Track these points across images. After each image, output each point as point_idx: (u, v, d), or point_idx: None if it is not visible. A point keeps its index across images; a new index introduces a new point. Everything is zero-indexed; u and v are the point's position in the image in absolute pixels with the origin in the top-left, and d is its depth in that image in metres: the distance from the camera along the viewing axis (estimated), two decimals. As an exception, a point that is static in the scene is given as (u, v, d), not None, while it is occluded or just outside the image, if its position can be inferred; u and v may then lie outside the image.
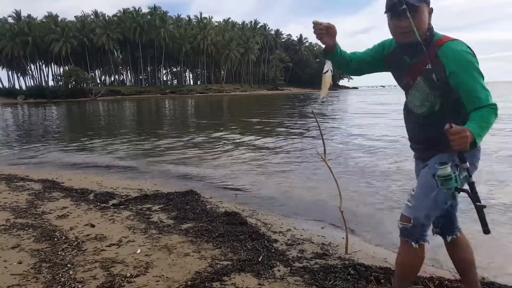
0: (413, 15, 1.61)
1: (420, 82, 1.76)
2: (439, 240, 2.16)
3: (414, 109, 1.84)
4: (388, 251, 3.09)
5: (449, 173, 1.54)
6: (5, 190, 4.98)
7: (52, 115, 29.25)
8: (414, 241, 1.83)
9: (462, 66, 1.61)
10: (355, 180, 5.57)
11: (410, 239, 1.83)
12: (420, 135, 1.88)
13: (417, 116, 1.84)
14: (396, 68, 1.88)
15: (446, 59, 1.64)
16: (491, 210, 4.07)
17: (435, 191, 1.74)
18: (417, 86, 1.78)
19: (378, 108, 24.49)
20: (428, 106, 1.78)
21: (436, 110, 1.76)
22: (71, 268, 2.61)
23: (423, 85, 1.75)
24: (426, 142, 1.85)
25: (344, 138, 10.35)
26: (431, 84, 1.72)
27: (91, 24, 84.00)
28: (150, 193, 4.74)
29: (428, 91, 1.75)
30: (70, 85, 71.01)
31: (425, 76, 1.73)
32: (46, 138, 12.90)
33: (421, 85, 1.76)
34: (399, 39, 1.74)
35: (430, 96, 1.75)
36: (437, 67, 1.66)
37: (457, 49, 1.64)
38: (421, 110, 1.81)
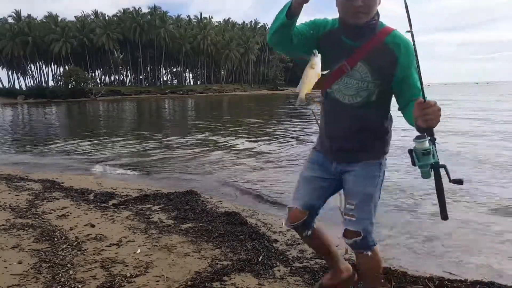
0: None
1: (361, 68, 1.61)
2: (440, 240, 2.15)
3: (345, 99, 1.68)
4: (388, 251, 3.09)
5: (428, 147, 1.46)
6: (5, 190, 4.98)
7: (52, 115, 29.25)
8: (368, 249, 1.79)
9: (411, 57, 1.59)
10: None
11: (365, 250, 1.79)
12: (352, 129, 1.71)
13: (349, 107, 1.68)
14: (331, 50, 1.66)
15: (397, 48, 1.59)
16: (492, 209, 4.07)
17: (375, 193, 1.75)
18: (354, 72, 1.63)
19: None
20: (364, 96, 1.65)
21: (373, 100, 1.66)
22: (71, 268, 2.61)
23: (365, 71, 1.61)
24: (358, 137, 1.72)
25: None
26: (375, 71, 1.61)
27: (91, 24, 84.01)
28: (150, 193, 4.74)
29: (370, 79, 1.62)
30: (70, 85, 70.98)
31: (370, 62, 1.60)
32: (46, 138, 12.90)
33: (361, 71, 1.61)
34: (350, 19, 1.56)
35: (370, 85, 1.63)
36: (387, 54, 1.59)
37: (406, 40, 1.60)
38: (356, 100, 1.66)
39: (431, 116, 1.41)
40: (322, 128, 1.87)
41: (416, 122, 1.46)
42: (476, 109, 18.93)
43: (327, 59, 1.64)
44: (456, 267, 2.80)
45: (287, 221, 1.91)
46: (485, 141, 8.86)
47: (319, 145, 1.90)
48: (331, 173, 1.83)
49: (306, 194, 1.85)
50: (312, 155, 1.92)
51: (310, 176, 1.87)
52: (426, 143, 1.46)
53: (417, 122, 1.45)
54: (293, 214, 1.86)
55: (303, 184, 1.88)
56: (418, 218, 3.93)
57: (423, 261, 2.91)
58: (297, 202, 1.86)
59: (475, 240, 3.33)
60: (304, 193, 1.86)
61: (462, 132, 10.39)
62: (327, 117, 1.80)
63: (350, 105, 1.68)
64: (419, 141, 1.47)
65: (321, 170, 1.85)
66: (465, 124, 12.52)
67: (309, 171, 1.89)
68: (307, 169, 1.90)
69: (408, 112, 1.59)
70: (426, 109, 1.41)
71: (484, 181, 5.32)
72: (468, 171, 5.89)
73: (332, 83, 1.69)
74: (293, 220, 1.86)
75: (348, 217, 1.76)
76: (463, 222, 3.77)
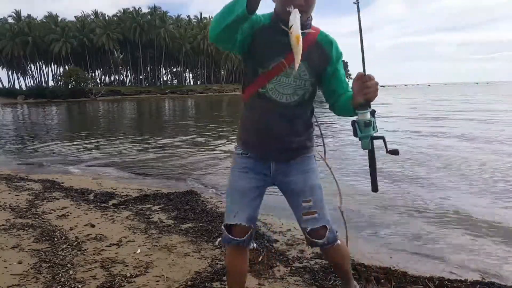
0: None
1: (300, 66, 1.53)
2: (440, 240, 2.15)
3: (282, 98, 1.61)
4: (388, 251, 3.10)
5: (370, 118, 1.50)
6: (5, 190, 4.98)
7: (52, 115, 29.24)
8: (336, 240, 1.79)
9: (339, 54, 1.66)
10: (355, 180, 5.57)
11: (335, 241, 1.78)
12: (291, 127, 1.66)
13: (286, 107, 1.62)
14: (266, 48, 1.57)
15: (329, 45, 1.63)
16: (492, 209, 4.07)
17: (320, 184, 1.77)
18: (291, 71, 1.54)
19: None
20: (301, 94, 1.63)
21: (306, 98, 1.66)
22: (71, 268, 2.61)
23: (303, 69, 1.58)
24: (296, 135, 1.69)
25: (345, 138, 10.35)
26: (312, 68, 1.61)
27: (91, 24, 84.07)
28: (150, 193, 4.74)
29: (308, 77, 1.61)
30: (70, 85, 71.01)
31: (308, 60, 1.58)
32: (46, 138, 12.89)
33: (299, 69, 1.54)
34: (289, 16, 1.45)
35: (307, 83, 1.62)
36: (321, 51, 1.62)
37: (334, 39, 1.66)
38: (293, 99, 1.62)
39: (371, 89, 1.45)
40: (252, 130, 1.70)
41: (356, 98, 1.50)
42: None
43: (261, 58, 1.58)
44: (456, 267, 2.80)
45: (228, 237, 1.70)
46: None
47: (248, 149, 1.73)
48: (267, 177, 1.73)
49: (246, 206, 1.69)
50: (240, 163, 1.74)
51: (246, 187, 1.70)
52: (368, 114, 1.50)
53: (356, 98, 1.49)
54: (238, 230, 1.68)
55: (240, 197, 1.70)
56: (417, 217, 3.93)
57: (423, 261, 2.91)
58: (239, 217, 1.68)
59: (475, 240, 3.33)
60: (244, 206, 1.69)
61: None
62: (260, 117, 1.65)
63: (288, 104, 1.62)
64: (361, 112, 1.50)
65: (256, 178, 1.72)
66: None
67: (243, 181, 1.71)
68: (240, 179, 1.72)
69: (342, 101, 1.64)
70: (367, 82, 1.46)
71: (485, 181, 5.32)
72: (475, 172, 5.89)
73: (267, 82, 1.59)
74: (239, 235, 1.68)
75: (310, 215, 1.70)
76: (463, 222, 3.77)
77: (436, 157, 7.12)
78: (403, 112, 19.25)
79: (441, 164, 6.47)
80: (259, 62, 1.58)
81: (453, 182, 5.29)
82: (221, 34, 1.41)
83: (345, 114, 1.65)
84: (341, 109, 1.67)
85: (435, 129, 11.58)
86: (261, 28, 1.57)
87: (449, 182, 5.29)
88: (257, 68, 1.59)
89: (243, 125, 1.76)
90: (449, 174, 5.78)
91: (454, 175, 5.72)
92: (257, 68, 1.59)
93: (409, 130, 11.34)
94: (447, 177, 5.59)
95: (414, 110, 20.32)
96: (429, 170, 6.12)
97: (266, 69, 1.58)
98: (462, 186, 5.10)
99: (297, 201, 1.72)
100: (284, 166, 1.72)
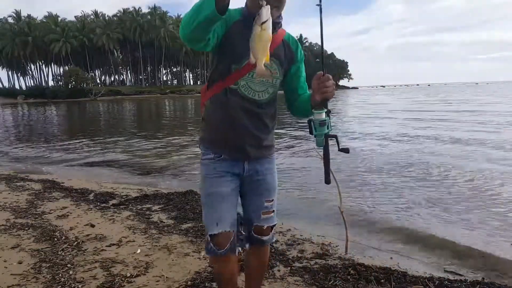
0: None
1: (272, 65, 1.58)
2: (440, 240, 2.15)
3: (255, 96, 1.59)
4: (389, 251, 3.10)
5: (325, 118, 1.56)
6: (5, 190, 4.99)
7: (52, 115, 29.24)
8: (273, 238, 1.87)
9: (303, 57, 1.72)
10: (355, 180, 5.57)
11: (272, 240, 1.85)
12: (263, 126, 1.65)
13: (258, 104, 1.61)
14: (238, 45, 1.51)
15: (295, 44, 1.69)
16: (492, 209, 4.07)
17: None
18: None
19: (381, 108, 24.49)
20: (271, 92, 1.64)
21: (274, 97, 1.68)
22: (71, 268, 2.61)
23: (274, 67, 1.60)
24: (267, 133, 1.68)
25: (345, 138, 10.35)
26: (282, 67, 1.65)
27: (91, 24, 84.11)
28: (150, 193, 4.74)
29: (278, 75, 1.63)
30: (70, 85, 71.02)
31: (279, 57, 1.62)
32: (46, 138, 12.90)
33: (271, 67, 1.56)
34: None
35: (277, 81, 1.64)
36: (288, 50, 1.66)
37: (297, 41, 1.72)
38: (264, 97, 1.62)
39: (328, 89, 1.50)
40: (223, 128, 1.62)
41: (313, 97, 1.55)
42: None
43: (234, 54, 1.54)
44: (456, 267, 2.80)
45: (214, 249, 1.58)
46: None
47: (221, 150, 1.64)
48: (240, 177, 1.68)
49: (227, 212, 1.61)
50: (214, 167, 1.63)
51: (225, 192, 1.61)
52: (323, 114, 1.57)
53: (315, 96, 1.53)
54: (222, 239, 1.57)
55: (220, 204, 1.60)
56: (417, 217, 3.93)
57: (423, 261, 2.91)
58: (222, 225, 1.58)
59: (475, 240, 3.33)
60: (225, 212, 1.60)
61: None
62: (232, 114, 1.58)
63: (259, 101, 1.61)
64: (317, 112, 1.57)
65: (233, 181, 1.65)
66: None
67: (221, 186, 1.62)
68: (218, 185, 1.62)
69: (301, 100, 1.69)
70: (325, 82, 1.50)
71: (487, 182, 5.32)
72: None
73: (238, 79, 1.56)
74: (224, 244, 1.58)
75: (268, 214, 1.73)
76: (463, 222, 3.78)
77: (434, 159, 7.12)
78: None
79: (435, 165, 6.48)
80: (232, 59, 1.54)
81: (451, 182, 5.29)
82: (192, 34, 1.35)
83: (302, 114, 1.72)
84: (299, 108, 1.72)
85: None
86: (233, 24, 1.54)
87: (447, 181, 5.29)
88: (231, 65, 1.55)
89: (210, 124, 1.67)
90: (446, 175, 5.78)
91: (451, 175, 5.72)
92: (231, 64, 1.55)
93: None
94: (442, 176, 5.59)
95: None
96: (428, 169, 6.12)
97: (240, 65, 1.54)
98: (460, 185, 5.10)
99: (260, 200, 1.71)
100: (257, 165, 1.69)
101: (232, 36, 1.53)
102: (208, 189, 1.63)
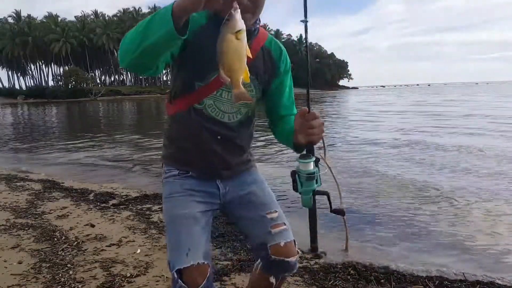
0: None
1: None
2: (440, 240, 2.14)
3: (224, 117, 1.31)
4: (389, 251, 3.10)
5: (314, 170, 1.26)
6: (5, 190, 4.99)
7: (52, 115, 29.24)
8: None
9: (288, 65, 1.40)
10: (355, 181, 5.57)
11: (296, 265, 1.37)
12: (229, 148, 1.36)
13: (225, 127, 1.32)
14: (203, 56, 1.22)
15: (279, 54, 1.36)
16: (491, 208, 4.07)
17: None
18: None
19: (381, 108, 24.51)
20: (244, 113, 1.35)
21: (250, 116, 1.39)
22: (71, 268, 2.61)
23: (249, 84, 1.28)
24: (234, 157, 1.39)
25: (345, 138, 10.36)
26: (260, 81, 1.34)
27: (91, 24, 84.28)
28: (150, 193, 4.74)
29: (254, 92, 1.33)
30: (70, 85, 71.14)
31: (254, 70, 1.29)
32: (46, 138, 12.90)
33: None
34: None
35: (253, 100, 1.33)
36: (268, 60, 1.34)
37: (283, 48, 1.38)
38: (235, 118, 1.33)
39: (314, 130, 1.18)
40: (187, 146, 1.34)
41: (296, 137, 1.22)
42: None
43: (198, 69, 1.26)
44: (456, 267, 2.80)
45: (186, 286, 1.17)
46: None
47: (187, 166, 1.37)
48: (214, 198, 1.37)
49: (199, 237, 1.25)
50: (181, 185, 1.34)
51: (194, 213, 1.28)
52: (312, 164, 1.25)
53: (297, 137, 1.21)
54: (194, 273, 1.18)
55: (190, 227, 1.25)
56: (418, 218, 3.93)
57: (423, 261, 2.91)
58: (194, 255, 1.19)
59: (475, 240, 3.33)
60: (196, 238, 1.24)
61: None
62: (196, 135, 1.31)
63: (230, 124, 1.32)
64: (304, 161, 1.24)
65: (204, 201, 1.34)
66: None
67: (189, 206, 1.30)
68: (186, 204, 1.30)
69: (282, 130, 1.38)
70: (310, 121, 1.18)
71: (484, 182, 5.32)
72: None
73: (204, 98, 1.27)
74: (199, 282, 1.18)
75: (279, 227, 1.32)
76: (463, 222, 3.77)
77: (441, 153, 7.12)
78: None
79: (441, 163, 6.48)
80: (195, 75, 1.26)
81: (451, 181, 5.29)
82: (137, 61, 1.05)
83: (287, 145, 1.38)
84: (282, 137, 1.40)
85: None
86: (197, 32, 1.21)
87: (449, 179, 5.29)
88: (193, 82, 1.27)
89: (172, 141, 1.41)
90: (447, 174, 5.78)
91: (451, 172, 5.72)
92: (194, 81, 1.26)
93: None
94: (445, 174, 5.59)
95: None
96: (428, 170, 6.12)
97: (205, 82, 1.26)
98: (461, 184, 5.10)
99: (259, 214, 1.35)
100: (236, 180, 1.40)
101: (195, 46, 1.22)
102: (174, 210, 1.30)
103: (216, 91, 1.27)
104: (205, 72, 1.25)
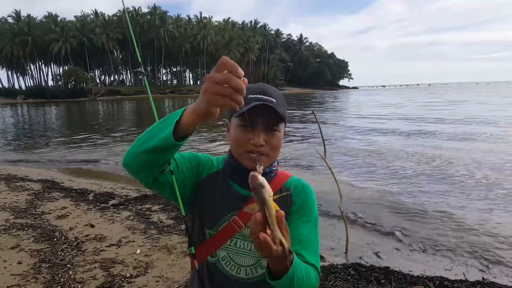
0: (279, 130, 1.08)
1: None
2: (441, 241, 2.15)
3: (240, 272, 1.11)
4: (389, 251, 3.09)
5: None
6: (5, 190, 4.98)
7: (52, 115, 29.23)
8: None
9: (313, 212, 1.19)
10: (356, 181, 5.57)
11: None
12: None
13: (243, 284, 1.11)
14: (215, 201, 1.12)
15: (296, 193, 1.15)
16: (491, 209, 4.07)
17: None
18: (246, 232, 1.09)
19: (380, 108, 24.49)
20: (265, 265, 0.99)
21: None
22: (70, 268, 2.61)
23: None
24: None
25: (345, 138, 10.36)
26: None
27: (91, 24, 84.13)
28: (150, 193, 4.73)
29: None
30: (69, 85, 71.12)
31: None
32: (46, 138, 12.89)
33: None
34: (245, 160, 1.06)
35: None
36: (285, 199, 1.13)
37: (306, 183, 1.19)
38: (255, 273, 1.11)
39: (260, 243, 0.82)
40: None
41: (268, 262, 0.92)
42: None
43: (207, 214, 1.13)
44: (456, 267, 2.80)
45: None
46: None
47: None
48: None
49: None
50: None
51: None
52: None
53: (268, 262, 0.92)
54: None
55: None
56: (419, 218, 3.93)
57: (423, 261, 2.91)
58: None
59: (475, 240, 3.33)
60: None
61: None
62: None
63: (248, 280, 1.11)
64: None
65: None
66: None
67: None
68: None
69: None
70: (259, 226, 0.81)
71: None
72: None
73: (217, 248, 1.12)
74: None
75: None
76: (463, 222, 3.77)
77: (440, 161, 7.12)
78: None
79: (441, 171, 6.47)
80: (204, 220, 1.13)
81: (453, 186, 5.29)
82: (138, 160, 0.97)
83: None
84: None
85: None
86: (211, 176, 1.14)
87: (451, 186, 5.29)
88: (204, 229, 1.13)
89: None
90: (449, 180, 5.78)
91: (452, 180, 5.72)
92: (204, 228, 1.13)
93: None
94: (447, 181, 5.59)
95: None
96: (428, 170, 6.12)
97: (214, 230, 1.12)
98: (460, 190, 5.10)
99: None
100: None
101: (207, 191, 1.14)
102: None
103: (230, 240, 1.10)
104: (213, 218, 1.12)
